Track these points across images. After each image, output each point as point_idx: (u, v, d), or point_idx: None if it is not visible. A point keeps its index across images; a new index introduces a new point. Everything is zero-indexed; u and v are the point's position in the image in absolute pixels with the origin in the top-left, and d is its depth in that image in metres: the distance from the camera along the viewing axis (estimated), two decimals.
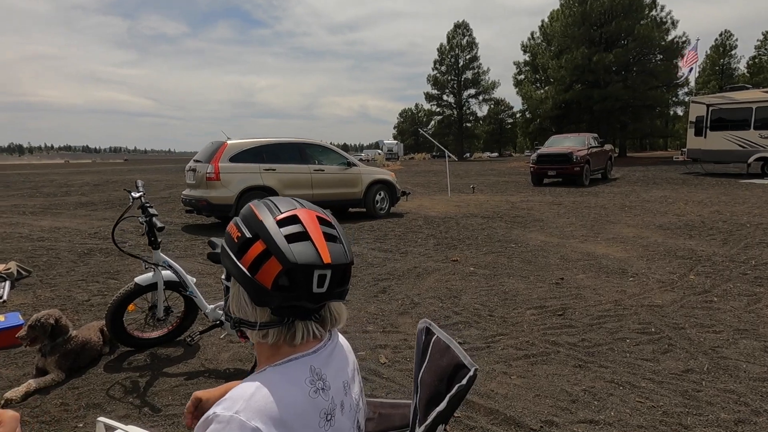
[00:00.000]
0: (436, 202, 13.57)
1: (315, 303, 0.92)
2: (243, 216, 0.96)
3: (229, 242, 0.93)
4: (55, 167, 55.12)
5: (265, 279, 0.88)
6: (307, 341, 0.96)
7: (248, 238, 0.91)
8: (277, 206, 0.96)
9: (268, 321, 0.93)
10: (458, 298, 4.88)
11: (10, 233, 9.31)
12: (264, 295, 0.89)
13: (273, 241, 0.89)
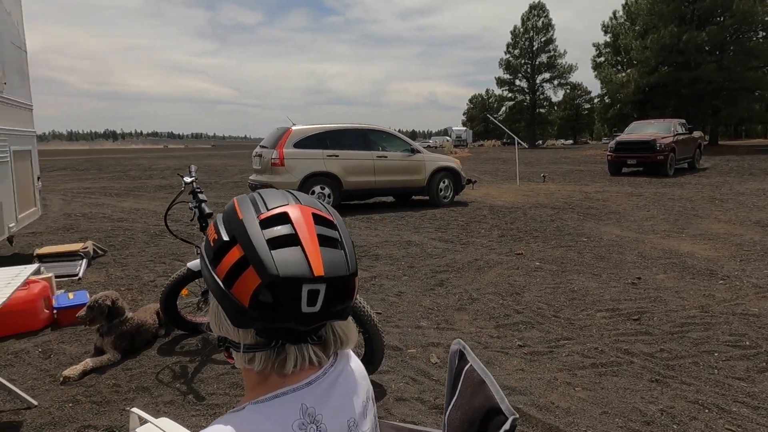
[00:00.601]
0: (504, 191, 13.04)
1: (306, 325, 0.72)
2: (224, 213, 0.78)
3: (206, 246, 0.75)
4: (149, 152, 59.03)
5: (241, 294, 0.70)
6: (302, 369, 0.77)
7: (224, 242, 0.72)
8: (265, 201, 0.77)
9: (253, 343, 0.75)
10: (520, 295, 4.56)
11: (95, 213, 9.97)
12: (241, 314, 0.71)
13: (252, 246, 0.70)
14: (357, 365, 0.88)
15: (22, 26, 6.04)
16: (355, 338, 0.86)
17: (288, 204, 0.76)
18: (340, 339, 0.82)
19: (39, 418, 2.60)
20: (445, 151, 36.88)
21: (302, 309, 0.70)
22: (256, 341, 0.74)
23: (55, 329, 3.85)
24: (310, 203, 0.79)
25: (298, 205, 0.77)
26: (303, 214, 0.75)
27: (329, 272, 0.71)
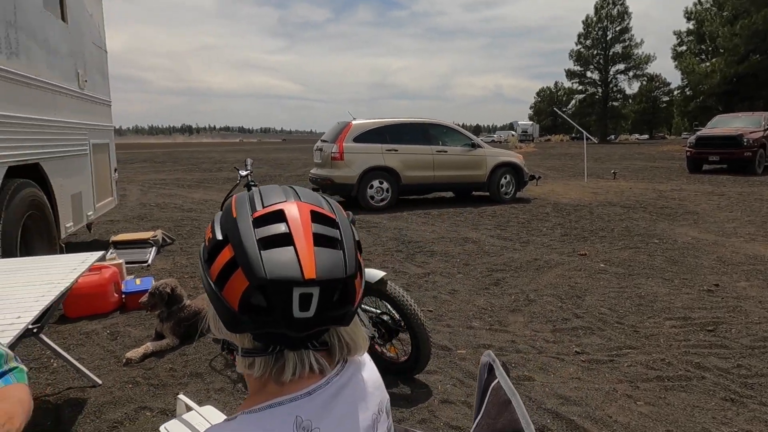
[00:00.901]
0: (570, 188, 12.49)
1: (300, 331, 0.67)
2: (222, 211, 0.74)
3: (203, 245, 0.72)
4: (221, 145, 61.94)
5: (231, 297, 0.66)
6: (301, 377, 0.72)
7: (218, 242, 0.69)
8: (262, 198, 0.72)
9: (251, 348, 0.71)
10: (581, 299, 4.32)
11: (167, 203, 10.54)
12: (232, 318, 0.67)
13: (241, 246, 0.66)
14: (370, 374, 0.82)
15: (103, 27, 6.44)
16: (365, 345, 0.80)
17: (285, 201, 0.71)
18: (347, 346, 0.76)
19: (101, 397, 2.76)
20: (509, 145, 35.96)
21: (294, 314, 0.65)
22: (254, 346, 0.70)
23: (123, 313, 4.08)
24: (311, 200, 0.73)
25: (297, 201, 0.71)
26: (300, 211, 0.70)
27: (323, 275, 0.66)
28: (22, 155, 3.79)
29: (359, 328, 0.79)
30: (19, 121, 3.73)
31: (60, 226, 4.50)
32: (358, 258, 0.73)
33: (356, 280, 0.71)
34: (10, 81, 3.62)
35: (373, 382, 0.82)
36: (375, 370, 0.85)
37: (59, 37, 4.73)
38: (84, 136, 5.36)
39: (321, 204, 0.74)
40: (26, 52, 3.91)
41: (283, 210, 0.69)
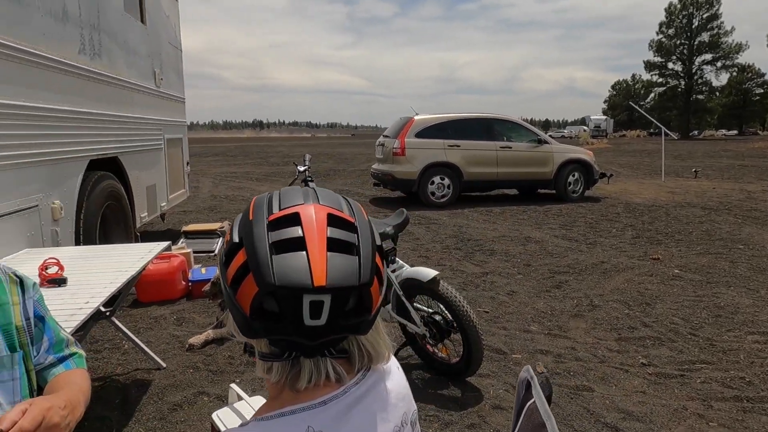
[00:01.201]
0: (644, 187, 11.77)
1: (312, 339, 0.65)
2: (242, 213, 0.73)
3: (223, 246, 0.71)
4: (289, 140, 63.94)
5: (243, 302, 0.65)
6: (317, 385, 0.69)
7: (234, 244, 0.67)
8: (281, 200, 0.70)
9: (267, 352, 0.69)
10: (651, 306, 4.04)
11: (236, 196, 10.99)
12: (244, 323, 0.66)
13: (254, 250, 0.64)
14: (395, 384, 0.78)
15: (179, 27, 6.79)
16: (388, 354, 0.76)
17: (303, 203, 0.69)
18: (368, 354, 0.73)
19: (164, 380, 2.91)
20: (580, 141, 34.44)
21: (305, 321, 0.63)
22: (270, 351, 0.69)
23: (189, 300, 4.30)
24: (329, 202, 0.70)
25: (315, 204, 0.69)
26: (317, 214, 0.67)
27: (334, 282, 0.63)
28: (103, 149, 4.06)
29: (381, 336, 0.75)
30: (100, 117, 4.01)
31: (135, 215, 4.80)
32: (378, 264, 0.70)
33: (372, 288, 0.67)
34: (93, 80, 3.89)
35: (397, 392, 0.78)
36: (402, 379, 0.82)
37: (138, 38, 5.03)
38: (159, 131, 5.68)
39: (340, 207, 0.71)
40: (108, 53, 4.19)
41: (299, 213, 0.67)
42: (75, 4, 3.61)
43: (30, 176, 2.99)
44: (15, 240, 2.83)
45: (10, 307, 1.09)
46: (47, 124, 3.18)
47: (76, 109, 3.60)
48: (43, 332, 1.15)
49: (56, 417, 0.91)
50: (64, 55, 3.41)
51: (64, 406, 0.96)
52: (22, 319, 1.10)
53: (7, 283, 1.11)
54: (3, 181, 2.71)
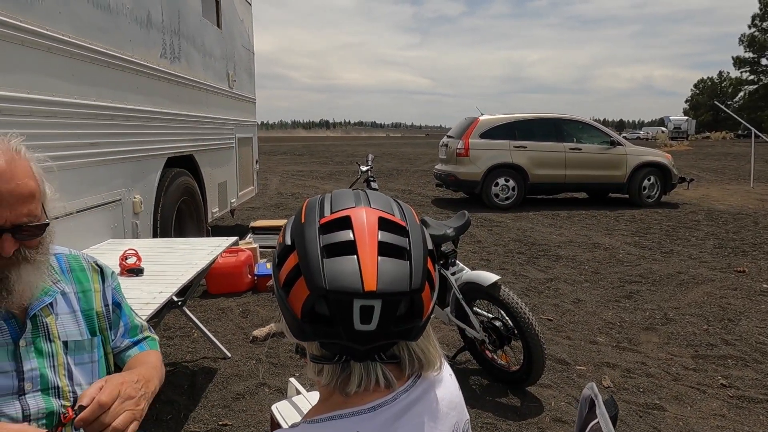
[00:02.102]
0: (730, 193, 10.91)
1: (362, 344, 0.65)
2: (294, 215, 0.73)
3: (276, 250, 0.72)
4: (355, 140, 65.01)
5: (295, 305, 0.65)
6: (367, 390, 0.68)
7: (286, 246, 0.68)
8: (332, 203, 0.70)
9: (318, 355, 0.70)
10: (735, 323, 3.74)
11: (302, 193, 11.30)
12: (296, 325, 0.66)
13: (305, 253, 0.65)
14: (447, 392, 0.77)
15: (252, 30, 7.07)
16: (440, 362, 0.75)
17: (353, 206, 0.69)
18: (418, 360, 0.72)
19: (229, 369, 3.04)
20: (657, 143, 32.48)
21: (355, 326, 0.62)
22: (321, 353, 0.69)
23: (255, 293, 4.46)
24: (381, 205, 0.70)
25: (366, 207, 0.68)
26: (368, 217, 0.67)
27: (384, 287, 0.62)
28: (180, 147, 4.30)
29: (432, 343, 0.74)
30: (178, 117, 4.25)
31: (207, 211, 5.05)
32: (430, 268, 0.68)
33: (423, 294, 0.66)
34: (173, 82, 4.13)
35: (449, 401, 0.76)
36: (455, 387, 0.80)
37: (214, 42, 5.28)
38: (231, 130, 5.94)
39: (392, 210, 0.70)
40: (186, 57, 4.43)
41: (350, 216, 0.67)
42: (158, 11, 3.85)
43: (115, 172, 3.22)
44: (101, 231, 3.06)
45: (92, 293, 1.17)
46: (132, 123, 3.42)
47: (157, 110, 3.83)
48: (120, 318, 1.23)
49: (131, 390, 0.97)
50: (148, 59, 3.64)
51: (137, 380, 1.01)
52: (102, 305, 1.18)
53: (89, 271, 1.19)
54: (92, 176, 2.94)
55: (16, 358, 1.00)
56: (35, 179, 0.97)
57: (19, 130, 1.05)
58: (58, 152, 2.56)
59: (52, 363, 1.05)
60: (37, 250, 0.99)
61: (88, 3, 2.88)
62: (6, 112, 2.20)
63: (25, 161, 0.97)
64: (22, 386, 0.99)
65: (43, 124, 2.46)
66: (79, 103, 2.77)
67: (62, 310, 1.10)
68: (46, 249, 1.03)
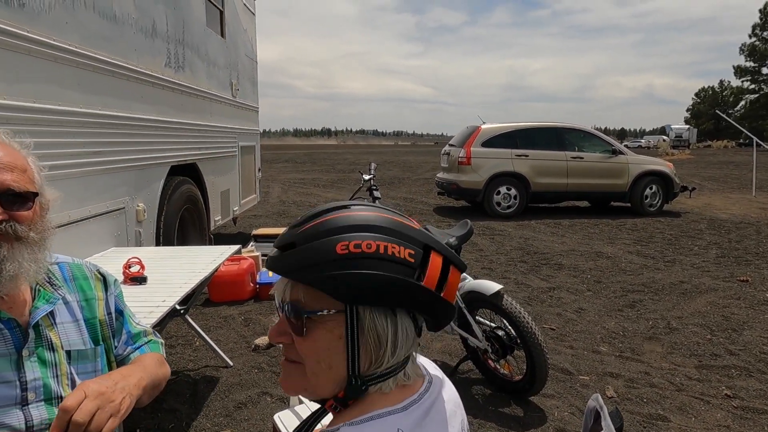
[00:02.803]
0: (732, 202, 10.90)
1: None
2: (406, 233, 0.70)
3: (396, 264, 0.67)
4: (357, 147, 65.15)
5: (450, 294, 0.72)
6: (397, 388, 0.71)
7: (423, 254, 0.69)
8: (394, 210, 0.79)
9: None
10: (738, 333, 3.72)
11: (304, 201, 11.32)
12: (447, 313, 0.73)
13: (445, 248, 0.72)
14: (450, 393, 0.79)
15: (255, 40, 7.12)
16: None
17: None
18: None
19: (231, 378, 3.03)
20: (659, 151, 32.51)
21: None
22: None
23: (257, 301, 4.46)
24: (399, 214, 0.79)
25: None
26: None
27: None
28: (183, 156, 4.32)
29: None
30: (181, 126, 4.27)
31: (210, 219, 5.06)
32: None
33: None
34: (177, 91, 4.16)
35: (454, 401, 0.79)
36: (453, 389, 0.82)
37: (218, 52, 5.32)
38: (234, 139, 5.96)
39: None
40: (190, 66, 4.46)
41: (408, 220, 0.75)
42: (163, 21, 3.88)
43: (119, 180, 3.23)
44: (104, 239, 3.07)
45: (95, 302, 1.17)
46: (136, 132, 3.44)
47: (161, 119, 3.86)
48: (122, 325, 1.23)
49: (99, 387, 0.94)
50: (152, 68, 3.67)
51: (109, 377, 1.01)
52: (105, 313, 1.18)
53: (92, 280, 1.19)
54: (96, 184, 2.95)
55: (19, 367, 0.99)
56: (22, 158, 1.00)
57: (24, 139, 1.06)
58: (63, 161, 2.58)
59: (56, 373, 1.04)
60: (30, 227, 0.97)
61: (94, 13, 2.91)
62: (12, 121, 2.22)
63: (13, 145, 1.00)
64: (25, 396, 0.99)
65: (48, 132, 2.48)
66: (84, 112, 2.80)
67: (65, 319, 1.10)
68: (41, 229, 1.00)
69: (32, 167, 1.02)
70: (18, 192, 0.95)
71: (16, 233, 0.94)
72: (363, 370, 0.68)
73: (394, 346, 0.68)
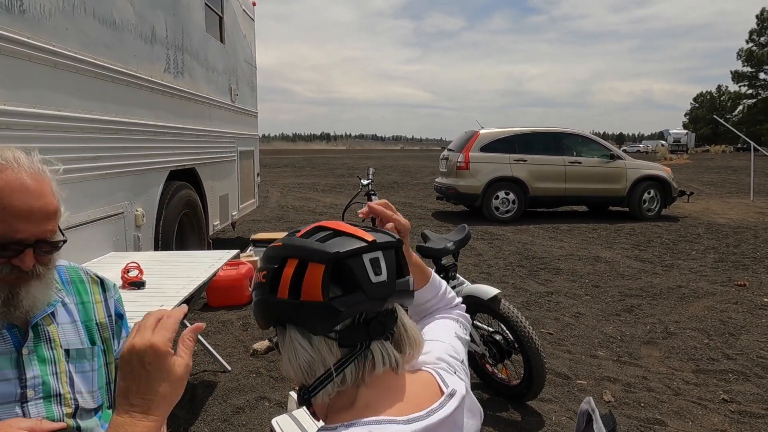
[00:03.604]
0: (730, 207, 10.93)
1: (382, 296, 0.71)
2: (266, 254, 0.78)
3: (257, 288, 0.76)
4: (356, 152, 65.23)
5: (313, 292, 0.69)
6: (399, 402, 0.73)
7: (276, 266, 0.73)
8: (297, 228, 0.80)
9: (339, 357, 0.71)
10: (735, 337, 3.73)
11: (302, 206, 11.33)
12: (325, 311, 0.69)
13: (303, 248, 0.71)
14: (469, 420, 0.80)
15: (254, 45, 7.15)
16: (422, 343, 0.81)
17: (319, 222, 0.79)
18: (413, 339, 0.77)
19: (229, 383, 3.03)
20: (657, 157, 32.60)
21: (372, 279, 0.70)
22: (341, 354, 0.71)
23: None
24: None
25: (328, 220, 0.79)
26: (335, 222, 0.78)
27: (378, 238, 0.73)
28: (182, 161, 4.34)
29: (415, 326, 0.80)
30: (180, 131, 4.29)
31: (209, 223, 5.06)
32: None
33: (403, 249, 0.78)
34: (176, 97, 4.18)
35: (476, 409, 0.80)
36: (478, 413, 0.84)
37: (217, 57, 5.35)
38: (233, 144, 5.98)
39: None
40: (189, 71, 4.48)
41: (321, 224, 0.77)
42: (163, 27, 3.91)
43: (118, 185, 3.25)
44: (103, 244, 3.07)
45: (91, 305, 1.19)
46: (135, 137, 3.45)
47: (161, 124, 3.87)
48: (122, 328, 1.25)
49: None
50: (152, 73, 3.69)
51: None
52: (105, 315, 1.20)
53: (89, 283, 1.22)
54: (95, 189, 2.96)
55: (18, 365, 1.01)
56: (56, 198, 1.01)
57: (24, 144, 1.08)
58: (62, 166, 2.59)
59: (55, 370, 1.06)
60: (48, 266, 1.02)
61: (94, 19, 2.93)
62: (13, 126, 2.24)
63: (48, 180, 1.00)
64: (25, 393, 1.01)
65: (48, 138, 2.49)
66: (84, 118, 2.81)
67: (63, 319, 1.12)
68: (54, 265, 1.05)
69: (59, 205, 1.02)
70: (52, 242, 0.98)
71: (36, 274, 0.99)
72: (305, 381, 0.73)
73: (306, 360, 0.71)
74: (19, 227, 0.92)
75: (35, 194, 0.94)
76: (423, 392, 0.76)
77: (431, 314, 1.03)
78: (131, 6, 3.38)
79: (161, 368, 0.67)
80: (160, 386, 0.67)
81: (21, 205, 0.92)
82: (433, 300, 1.03)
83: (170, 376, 0.68)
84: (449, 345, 0.90)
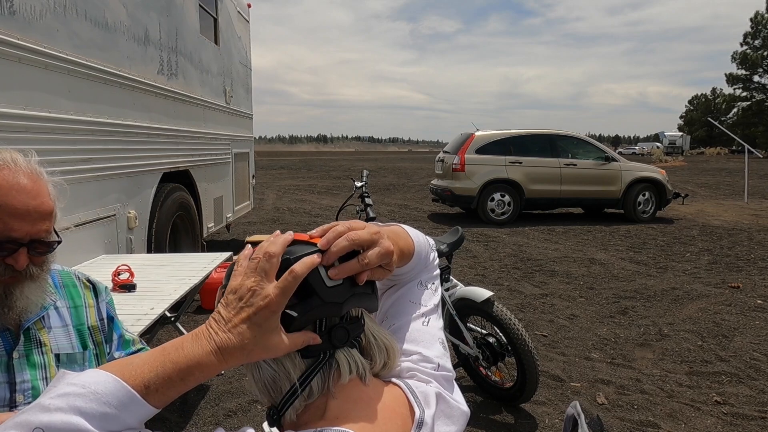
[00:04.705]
0: (724, 209, 10.97)
1: (340, 299, 0.67)
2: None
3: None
4: (352, 154, 65.23)
5: None
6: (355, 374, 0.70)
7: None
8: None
9: (304, 369, 0.70)
10: (729, 339, 3.74)
11: (298, 208, 11.31)
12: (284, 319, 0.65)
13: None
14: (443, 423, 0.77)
15: (249, 47, 7.14)
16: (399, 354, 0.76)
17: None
18: (383, 346, 0.73)
19: (222, 386, 3.02)
20: (652, 159, 32.72)
21: (327, 284, 0.66)
22: (306, 366, 0.69)
23: None
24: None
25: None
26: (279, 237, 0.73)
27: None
28: (175, 163, 4.32)
29: (389, 336, 0.76)
30: (174, 132, 4.27)
31: (203, 226, 5.05)
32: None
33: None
34: (170, 98, 4.16)
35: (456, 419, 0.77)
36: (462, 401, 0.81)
37: (211, 59, 5.33)
38: (227, 146, 5.97)
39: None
40: (183, 73, 4.47)
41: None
42: (156, 28, 3.89)
43: (110, 187, 3.23)
44: (94, 246, 3.06)
45: (83, 309, 1.18)
46: (128, 139, 3.43)
47: (154, 125, 3.86)
48: (113, 331, 1.25)
49: None
50: (145, 75, 3.68)
51: None
52: (97, 319, 1.20)
53: (81, 288, 1.21)
54: (86, 191, 2.94)
55: (9, 369, 1.01)
56: (52, 199, 1.02)
57: (14, 147, 1.07)
58: (53, 168, 2.57)
59: (45, 375, 1.06)
60: (42, 267, 1.02)
61: (86, 21, 2.92)
62: (2, 128, 2.22)
63: (45, 181, 1.01)
64: (14, 398, 1.00)
65: (39, 140, 2.48)
66: (75, 119, 2.79)
67: (55, 323, 1.12)
68: (48, 267, 1.05)
69: (55, 207, 1.03)
70: (46, 242, 0.99)
71: (30, 275, 0.99)
72: (272, 400, 0.69)
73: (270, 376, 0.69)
74: (15, 226, 0.93)
75: (31, 194, 0.95)
76: (393, 408, 0.73)
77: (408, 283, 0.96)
78: (124, 7, 3.37)
79: (270, 327, 0.61)
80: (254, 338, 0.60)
81: (17, 204, 0.93)
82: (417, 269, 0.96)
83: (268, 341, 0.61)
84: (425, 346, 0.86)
